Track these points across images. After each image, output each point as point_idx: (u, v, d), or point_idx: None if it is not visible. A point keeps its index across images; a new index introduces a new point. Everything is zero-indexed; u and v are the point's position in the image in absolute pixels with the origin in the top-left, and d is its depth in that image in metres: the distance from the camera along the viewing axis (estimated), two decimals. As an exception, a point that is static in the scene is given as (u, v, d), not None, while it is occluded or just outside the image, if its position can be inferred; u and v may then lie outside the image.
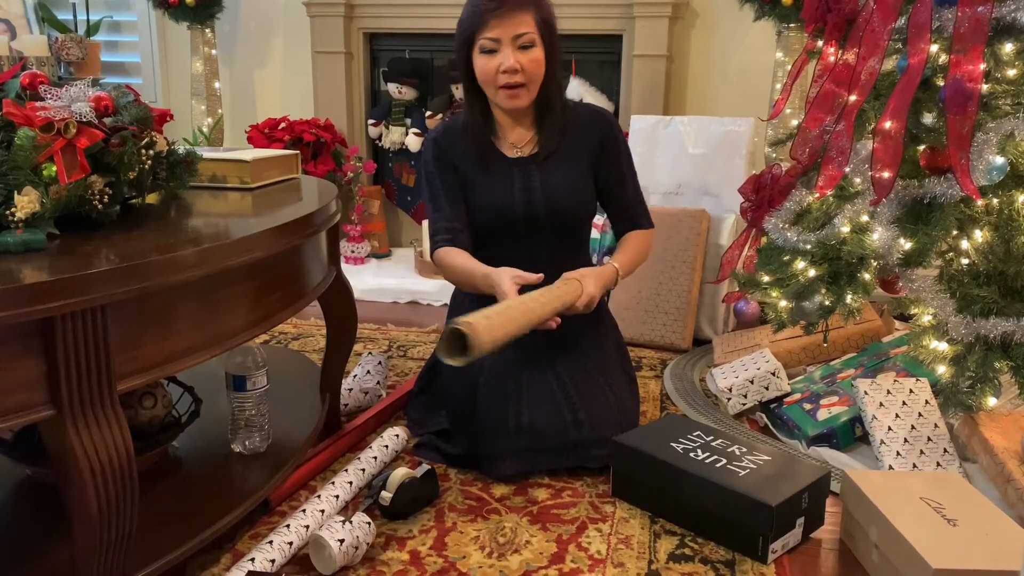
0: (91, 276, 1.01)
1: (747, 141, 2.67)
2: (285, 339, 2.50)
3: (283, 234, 1.34)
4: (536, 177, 1.77)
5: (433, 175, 1.80)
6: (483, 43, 1.67)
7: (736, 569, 1.39)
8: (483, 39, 1.67)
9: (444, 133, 1.83)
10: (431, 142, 1.82)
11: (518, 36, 1.66)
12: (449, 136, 1.82)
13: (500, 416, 1.63)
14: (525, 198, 1.75)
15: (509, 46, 1.66)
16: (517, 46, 1.66)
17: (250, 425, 1.56)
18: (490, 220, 1.77)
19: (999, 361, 1.58)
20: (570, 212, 1.78)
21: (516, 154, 1.80)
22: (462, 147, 1.79)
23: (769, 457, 1.52)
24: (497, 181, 1.77)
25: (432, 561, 1.39)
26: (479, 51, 1.68)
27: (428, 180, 1.82)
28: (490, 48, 1.67)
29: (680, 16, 3.09)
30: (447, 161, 1.80)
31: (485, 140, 1.79)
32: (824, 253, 1.82)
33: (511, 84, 1.68)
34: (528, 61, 1.68)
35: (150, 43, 3.69)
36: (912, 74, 1.61)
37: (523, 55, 1.67)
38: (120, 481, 1.08)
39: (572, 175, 1.78)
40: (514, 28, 1.66)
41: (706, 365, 2.31)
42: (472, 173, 1.78)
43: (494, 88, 1.70)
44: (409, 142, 3.33)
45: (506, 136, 1.80)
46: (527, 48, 1.67)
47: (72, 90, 1.24)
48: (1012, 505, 1.49)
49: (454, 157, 1.79)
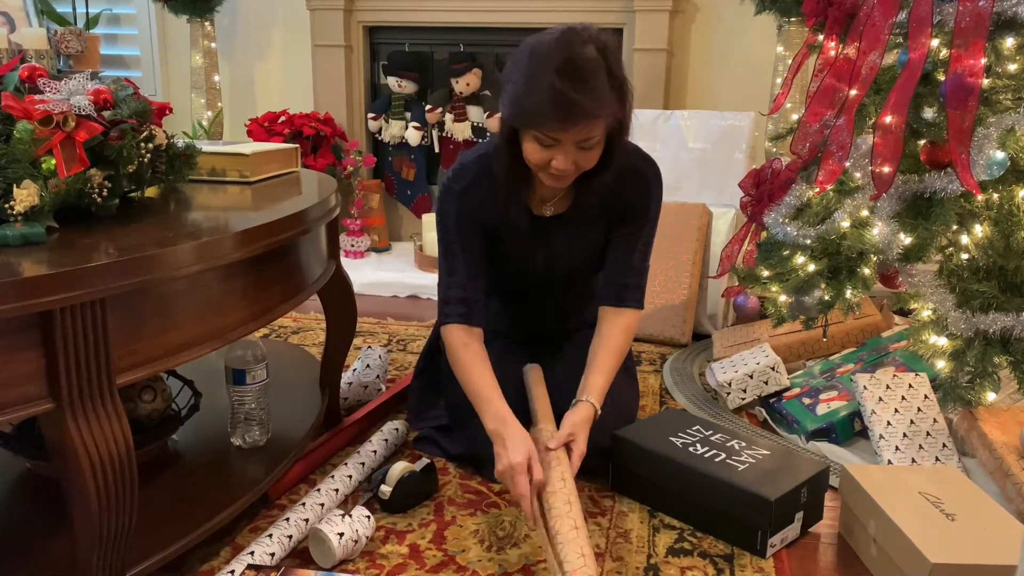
0: (90, 269, 1.01)
1: (747, 135, 2.67)
2: (285, 333, 2.51)
3: (282, 228, 1.34)
4: (560, 242, 1.63)
5: (451, 232, 1.58)
6: (539, 136, 1.39)
7: (735, 563, 1.39)
8: (542, 135, 1.38)
9: (468, 188, 1.57)
10: (454, 196, 1.57)
11: (583, 140, 1.39)
12: (473, 191, 1.57)
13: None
14: (546, 263, 1.66)
15: (569, 147, 1.39)
16: (578, 148, 1.40)
17: (250, 419, 1.56)
18: (506, 274, 1.70)
19: (998, 356, 1.58)
20: (587, 271, 1.71)
21: (547, 212, 1.61)
22: (488, 204, 1.57)
23: (768, 451, 1.52)
24: (520, 244, 1.62)
25: (431, 555, 1.40)
26: (531, 136, 1.40)
27: (444, 237, 1.59)
28: (547, 144, 1.39)
29: (681, 10, 3.09)
30: (471, 219, 1.58)
31: (515, 197, 1.57)
32: (824, 248, 1.81)
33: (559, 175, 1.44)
34: (586, 160, 1.42)
35: (149, 36, 3.68)
36: (913, 69, 1.61)
37: (582, 155, 1.41)
38: (120, 474, 1.08)
39: (599, 236, 1.64)
40: (581, 135, 1.37)
41: (705, 359, 2.31)
42: (499, 230, 1.61)
43: (538, 169, 1.45)
44: (409, 136, 3.33)
45: (538, 189, 1.58)
46: (588, 149, 1.41)
47: (71, 83, 1.24)
48: (1011, 500, 1.49)
49: (483, 213, 1.58)
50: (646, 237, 1.64)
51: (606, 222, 1.63)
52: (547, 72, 1.32)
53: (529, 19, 3.13)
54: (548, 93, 1.32)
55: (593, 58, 1.34)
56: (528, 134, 1.41)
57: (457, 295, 1.58)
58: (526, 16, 3.14)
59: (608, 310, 1.64)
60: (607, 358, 1.59)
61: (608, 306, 1.64)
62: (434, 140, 3.36)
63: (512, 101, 1.40)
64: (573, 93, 1.31)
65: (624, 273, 1.63)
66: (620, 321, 1.62)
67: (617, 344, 1.60)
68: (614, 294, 1.63)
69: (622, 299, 1.63)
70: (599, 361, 1.58)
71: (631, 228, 1.62)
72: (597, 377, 1.56)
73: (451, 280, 1.59)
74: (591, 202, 1.58)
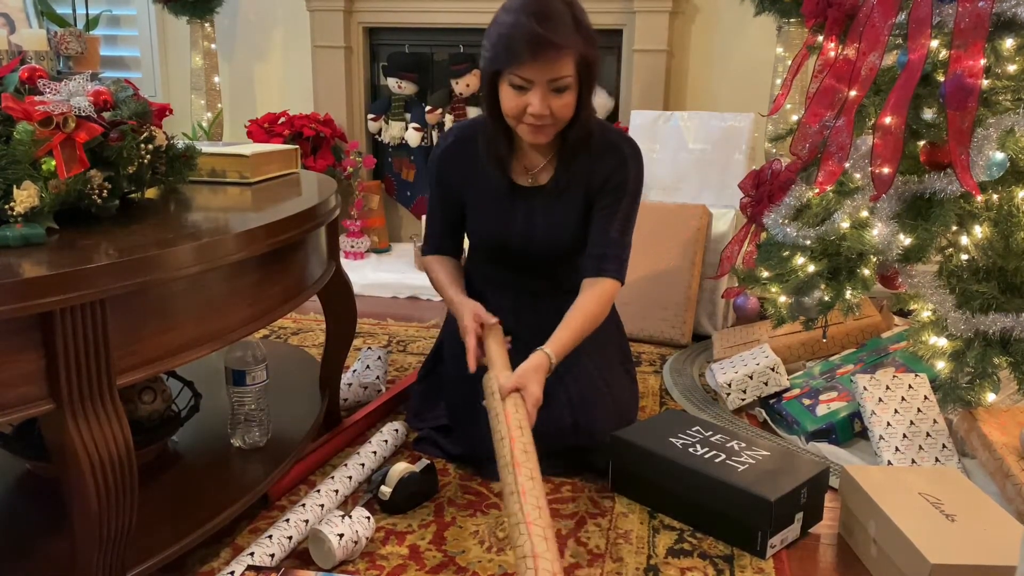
0: (90, 270, 1.01)
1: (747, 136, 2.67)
2: (285, 334, 2.51)
3: (282, 229, 1.34)
4: (540, 212, 1.68)
5: (434, 190, 1.75)
6: (513, 79, 1.50)
7: (735, 564, 1.39)
8: (514, 76, 1.50)
9: (453, 151, 1.70)
10: (438, 159, 1.72)
11: (553, 80, 1.49)
12: (458, 156, 1.70)
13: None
14: (524, 232, 1.69)
15: (542, 87, 1.49)
16: (551, 88, 1.50)
17: (249, 420, 1.56)
18: (485, 244, 1.75)
19: (998, 357, 1.58)
20: (568, 248, 1.72)
21: (527, 182, 1.69)
22: (470, 169, 1.69)
23: (768, 452, 1.52)
24: (499, 211, 1.69)
25: (431, 555, 1.40)
26: (507, 83, 1.52)
27: (430, 191, 1.77)
28: (520, 85, 1.50)
29: (680, 11, 3.09)
30: (449, 184, 1.72)
31: (498, 164, 1.66)
32: (824, 249, 1.82)
33: (536, 124, 1.54)
34: (560, 106, 1.52)
35: (149, 37, 3.68)
36: (912, 69, 1.61)
37: (555, 99, 1.51)
38: (120, 475, 1.08)
39: (576, 211, 1.68)
40: (551, 71, 1.48)
41: (705, 360, 2.31)
42: (474, 198, 1.71)
43: (515, 121, 1.56)
44: (409, 137, 3.33)
45: (521, 158, 1.68)
46: (561, 92, 1.51)
47: (71, 84, 1.24)
48: (1010, 500, 1.49)
49: (458, 180, 1.71)
50: (625, 210, 1.66)
51: (584, 198, 1.67)
52: (517, 15, 1.48)
53: (529, 20, 3.13)
54: (517, 30, 1.47)
55: (559, 4, 1.49)
56: (504, 83, 1.53)
57: (435, 245, 1.79)
58: (526, 17, 3.14)
59: (587, 280, 1.65)
60: (576, 317, 1.59)
61: (587, 276, 1.65)
62: (434, 141, 3.36)
63: (488, 49, 1.54)
64: (539, 28, 1.45)
65: (603, 244, 1.64)
66: (596, 288, 1.63)
67: (590, 309, 1.61)
68: (593, 266, 1.65)
69: (600, 270, 1.64)
70: (567, 319, 1.59)
71: (609, 200, 1.65)
72: (561, 332, 1.57)
73: (431, 225, 1.80)
74: (572, 176, 1.65)
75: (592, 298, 1.62)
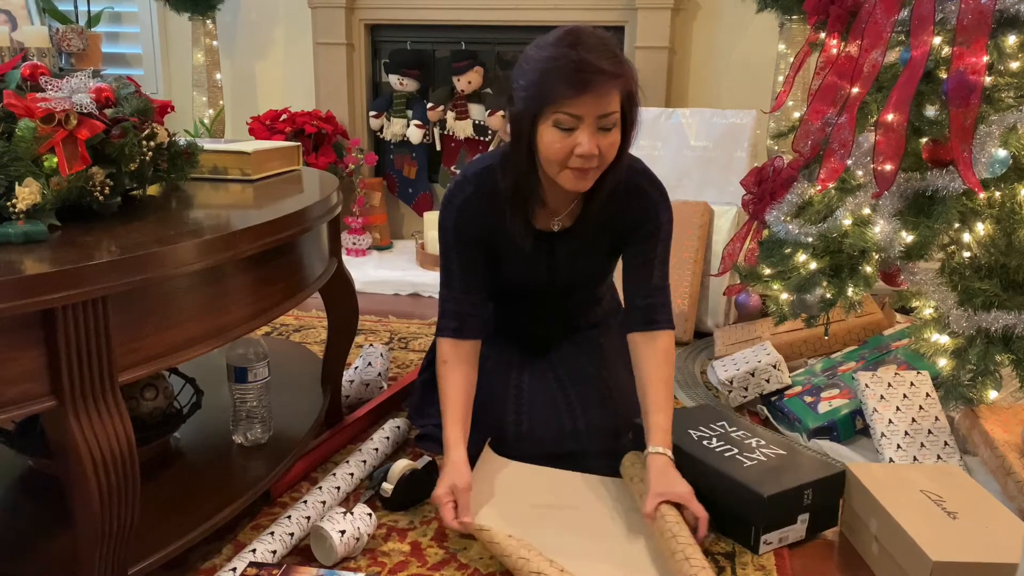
0: (92, 267, 1.01)
1: (749, 133, 2.67)
2: (286, 331, 2.51)
3: (284, 226, 1.34)
4: (563, 257, 1.61)
5: (449, 246, 1.57)
6: (559, 118, 1.35)
7: (736, 561, 1.39)
8: (560, 114, 1.35)
9: (466, 203, 1.55)
10: (454, 210, 1.55)
11: (603, 115, 1.36)
12: (472, 207, 1.55)
13: (500, 424, 1.63)
14: (548, 276, 1.65)
15: (591, 125, 1.36)
16: (599, 127, 1.37)
17: (251, 416, 1.56)
18: (507, 287, 1.69)
19: (1000, 354, 1.58)
20: (590, 282, 1.71)
21: (553, 227, 1.58)
22: (491, 220, 1.54)
23: (784, 452, 1.51)
24: (524, 259, 1.60)
25: (433, 552, 1.40)
26: (552, 123, 1.37)
27: (443, 249, 1.59)
28: (567, 126, 1.36)
29: (682, 8, 3.08)
30: (468, 235, 1.56)
31: (520, 211, 1.53)
32: (826, 246, 1.81)
33: (582, 168, 1.40)
34: (607, 145, 1.39)
35: (151, 34, 3.69)
36: (915, 66, 1.61)
37: (602, 138, 1.37)
38: (122, 472, 1.08)
39: (601, 253, 1.63)
40: (601, 106, 1.35)
41: (707, 357, 2.31)
42: (497, 247, 1.59)
43: (559, 167, 1.40)
44: (411, 134, 3.33)
45: (546, 202, 1.55)
46: (607, 131, 1.38)
47: (73, 81, 1.24)
48: (1012, 498, 1.49)
49: (480, 230, 1.56)
50: (662, 256, 1.59)
51: (610, 238, 1.60)
52: (556, 48, 1.35)
53: (531, 17, 3.13)
54: (562, 62, 1.33)
55: (601, 33, 1.39)
56: (546, 124, 1.37)
57: (452, 308, 1.59)
58: (528, 14, 3.14)
59: (639, 337, 1.56)
60: (658, 393, 1.50)
61: (638, 331, 1.56)
62: (436, 138, 3.36)
63: (525, 88, 1.38)
64: (588, 56, 1.32)
65: (647, 294, 1.57)
66: (656, 347, 1.55)
67: (661, 374, 1.53)
68: (642, 317, 1.56)
69: (651, 321, 1.56)
70: (651, 400, 1.50)
71: (644, 248, 1.57)
72: (656, 417, 1.48)
73: (447, 293, 1.59)
74: (597, 216, 1.55)
75: (659, 360, 1.54)
